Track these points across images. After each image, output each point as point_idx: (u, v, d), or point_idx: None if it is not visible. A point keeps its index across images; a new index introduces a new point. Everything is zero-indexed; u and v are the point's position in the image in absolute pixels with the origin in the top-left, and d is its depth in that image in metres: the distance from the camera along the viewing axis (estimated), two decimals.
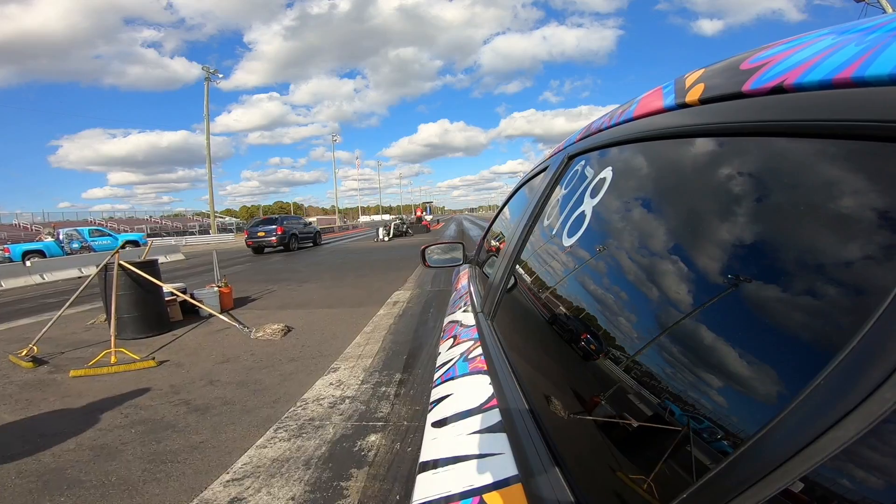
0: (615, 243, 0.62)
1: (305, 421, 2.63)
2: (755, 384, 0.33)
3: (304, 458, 2.22)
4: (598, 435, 0.53)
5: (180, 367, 3.77)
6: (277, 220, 17.46)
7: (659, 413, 0.42)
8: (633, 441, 0.46)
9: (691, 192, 0.50)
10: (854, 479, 0.24)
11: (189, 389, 3.25)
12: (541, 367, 0.76)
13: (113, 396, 3.15)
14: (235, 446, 2.38)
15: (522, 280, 1.00)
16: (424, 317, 5.05)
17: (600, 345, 0.57)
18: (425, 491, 0.60)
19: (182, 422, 2.72)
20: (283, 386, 3.23)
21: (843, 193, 0.32)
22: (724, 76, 0.46)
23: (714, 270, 0.41)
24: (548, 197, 1.00)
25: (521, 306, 0.97)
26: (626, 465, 0.46)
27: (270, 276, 9.56)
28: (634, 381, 0.47)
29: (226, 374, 3.54)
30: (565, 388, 0.66)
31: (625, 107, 0.72)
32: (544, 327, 0.78)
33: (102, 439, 2.53)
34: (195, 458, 2.30)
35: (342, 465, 2.14)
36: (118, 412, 2.89)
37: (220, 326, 4.98)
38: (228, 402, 2.98)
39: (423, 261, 2.19)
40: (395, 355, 3.78)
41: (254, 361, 3.84)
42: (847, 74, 0.31)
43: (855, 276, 0.28)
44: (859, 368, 0.24)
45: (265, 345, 4.31)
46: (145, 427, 2.66)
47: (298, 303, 6.40)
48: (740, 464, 0.29)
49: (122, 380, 3.50)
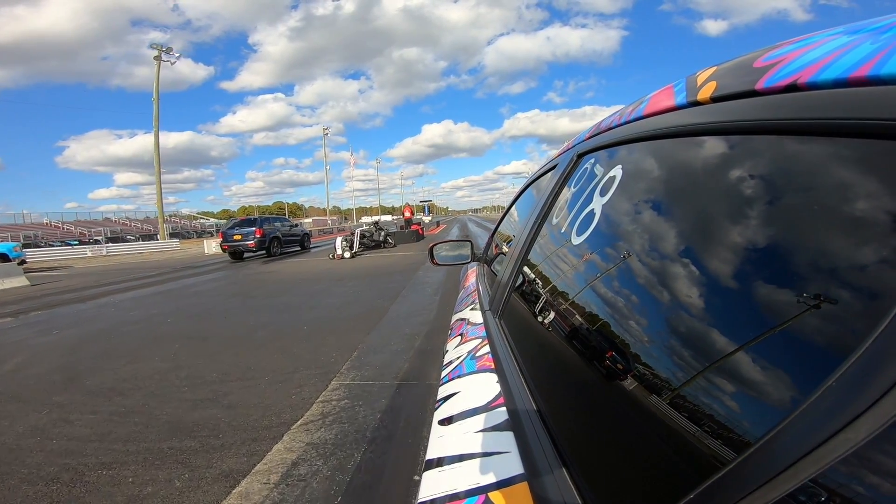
0: (624, 242, 0.61)
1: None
2: (765, 386, 0.33)
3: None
4: (605, 435, 0.52)
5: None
6: (257, 221, 14.97)
7: (667, 414, 0.42)
8: (640, 442, 0.46)
9: (702, 192, 0.50)
10: (864, 482, 0.23)
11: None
12: (548, 366, 0.76)
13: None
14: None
15: (530, 279, 1.00)
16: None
17: (608, 345, 0.57)
18: (431, 489, 0.60)
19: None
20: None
21: (859, 194, 0.31)
22: (737, 74, 0.46)
23: (725, 271, 0.40)
24: (556, 195, 1.00)
25: (530, 305, 0.97)
26: (633, 466, 0.46)
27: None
28: (643, 381, 0.47)
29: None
30: (572, 388, 0.66)
31: (635, 105, 0.72)
32: (552, 326, 0.78)
33: None
34: None
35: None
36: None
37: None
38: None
39: (431, 258, 2.21)
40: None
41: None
42: (863, 73, 0.30)
43: (868, 278, 0.28)
44: (871, 371, 0.23)
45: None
46: None
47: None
48: (749, 465, 0.29)
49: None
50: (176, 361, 3.92)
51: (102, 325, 5.71)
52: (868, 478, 0.23)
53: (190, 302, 7.30)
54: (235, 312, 6.12)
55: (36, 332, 5.49)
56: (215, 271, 12.04)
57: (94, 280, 11.67)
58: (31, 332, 5.56)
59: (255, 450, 2.30)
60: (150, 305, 7.10)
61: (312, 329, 4.83)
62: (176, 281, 10.31)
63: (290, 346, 4.20)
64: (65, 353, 4.42)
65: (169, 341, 4.65)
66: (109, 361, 4.05)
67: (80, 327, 5.68)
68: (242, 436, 2.46)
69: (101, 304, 7.46)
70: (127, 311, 6.65)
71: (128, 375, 3.60)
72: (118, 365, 3.91)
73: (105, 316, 6.42)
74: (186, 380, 3.42)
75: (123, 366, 3.88)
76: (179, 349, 4.33)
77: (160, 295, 8.28)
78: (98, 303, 7.66)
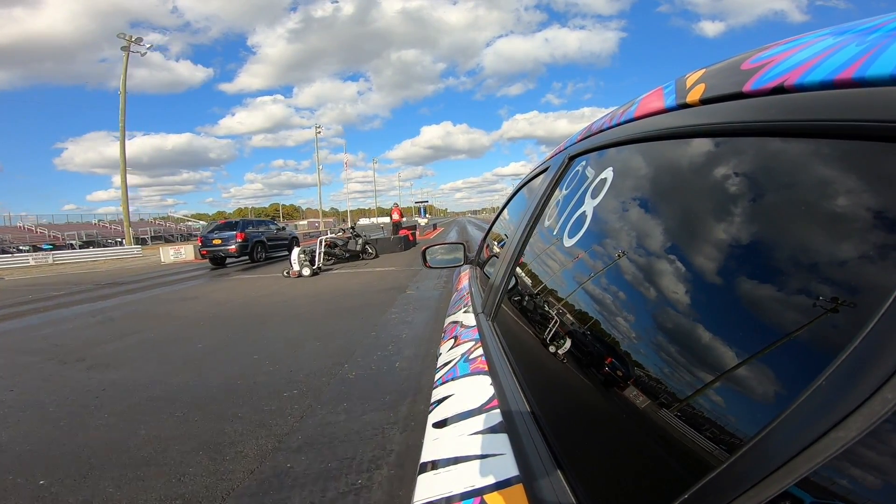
0: (616, 244, 0.62)
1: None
2: (757, 385, 0.33)
3: None
4: (599, 435, 0.52)
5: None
6: (238, 224, 13.65)
7: (660, 414, 0.42)
8: (634, 442, 0.46)
9: (693, 193, 0.50)
10: (856, 479, 0.24)
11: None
12: (542, 367, 0.76)
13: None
14: None
15: (523, 281, 1.00)
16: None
17: (601, 346, 0.57)
18: (426, 491, 0.60)
19: None
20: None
21: (844, 194, 0.31)
22: (725, 76, 0.46)
23: (716, 271, 0.41)
24: (549, 198, 1.00)
25: (522, 307, 0.97)
26: (627, 466, 0.46)
27: None
28: (635, 381, 0.47)
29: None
30: (566, 389, 0.66)
31: (626, 107, 0.72)
32: (545, 328, 0.78)
33: None
34: None
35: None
36: None
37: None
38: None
39: (424, 261, 2.21)
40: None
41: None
42: (848, 74, 0.31)
43: (855, 276, 0.28)
44: (861, 368, 0.24)
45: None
46: None
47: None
48: (742, 464, 0.29)
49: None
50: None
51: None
52: (859, 475, 0.24)
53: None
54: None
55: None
56: (133, 292, 9.08)
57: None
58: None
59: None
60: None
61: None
62: (43, 314, 7.20)
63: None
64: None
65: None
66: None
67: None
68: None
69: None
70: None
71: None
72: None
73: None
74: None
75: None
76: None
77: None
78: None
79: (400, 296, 6.45)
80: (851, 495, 0.24)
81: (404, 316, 5.16)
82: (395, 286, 7.38)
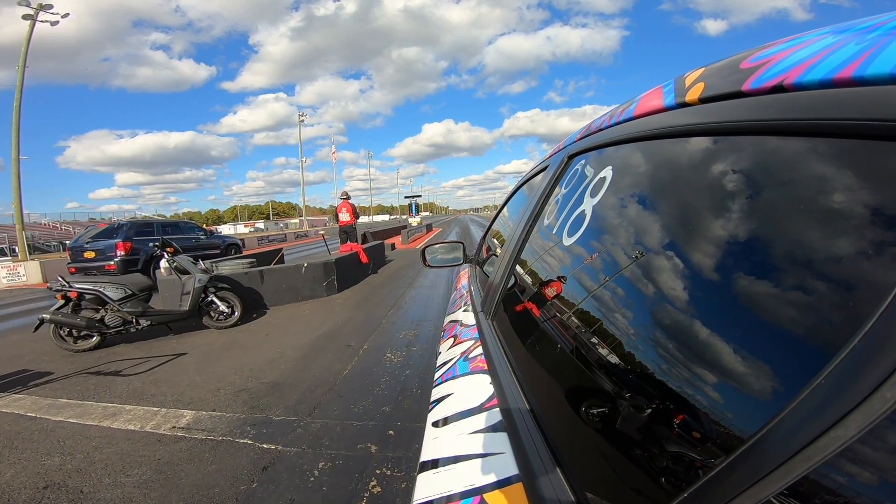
0: (616, 242, 0.62)
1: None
2: (756, 383, 0.33)
3: None
4: (598, 434, 0.52)
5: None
6: (123, 228, 8.56)
7: (660, 412, 0.42)
8: (634, 440, 0.46)
9: (692, 192, 0.50)
10: (855, 478, 0.24)
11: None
12: (541, 366, 0.76)
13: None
14: None
15: (523, 279, 1.00)
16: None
17: (601, 344, 0.57)
18: (426, 490, 0.60)
19: None
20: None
21: (843, 193, 0.31)
22: (724, 75, 0.46)
23: (715, 269, 0.41)
24: (548, 196, 1.00)
25: (522, 305, 0.97)
26: (626, 464, 0.46)
27: None
28: (635, 380, 0.47)
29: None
30: (566, 388, 0.66)
31: (625, 106, 0.72)
32: (545, 326, 0.78)
33: None
34: None
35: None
36: None
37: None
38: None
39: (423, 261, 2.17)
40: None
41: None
42: (847, 73, 0.31)
43: (854, 275, 0.28)
44: (860, 367, 0.24)
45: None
46: None
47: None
48: (741, 463, 0.29)
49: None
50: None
51: None
52: (858, 474, 0.24)
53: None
54: None
55: None
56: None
57: None
58: None
59: None
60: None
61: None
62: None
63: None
64: None
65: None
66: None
67: None
68: None
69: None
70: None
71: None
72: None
73: None
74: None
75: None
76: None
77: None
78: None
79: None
80: (851, 494, 0.24)
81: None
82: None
